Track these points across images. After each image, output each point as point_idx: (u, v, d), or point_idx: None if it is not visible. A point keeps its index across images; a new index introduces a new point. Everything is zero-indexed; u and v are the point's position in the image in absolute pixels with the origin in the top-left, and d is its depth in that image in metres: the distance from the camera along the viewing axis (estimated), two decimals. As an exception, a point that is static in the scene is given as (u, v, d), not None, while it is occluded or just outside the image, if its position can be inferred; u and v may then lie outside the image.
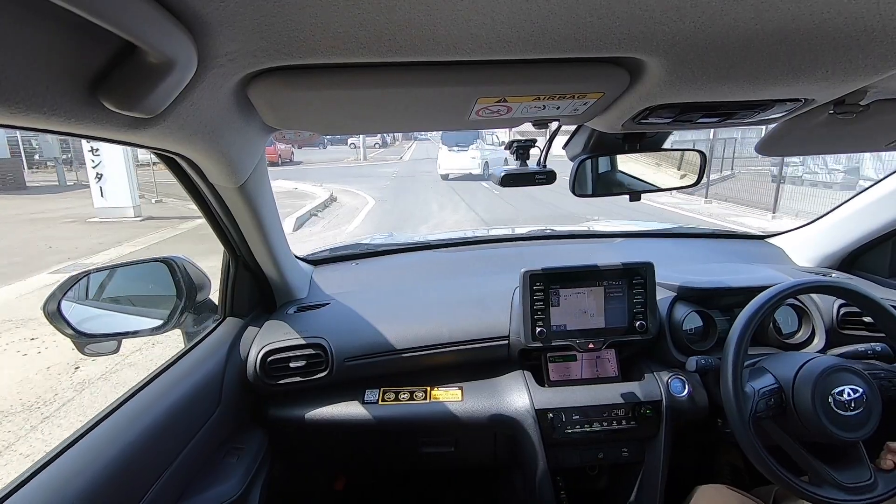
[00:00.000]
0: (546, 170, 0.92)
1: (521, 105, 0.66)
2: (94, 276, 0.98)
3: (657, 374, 1.20)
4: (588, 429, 1.15)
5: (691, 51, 0.51)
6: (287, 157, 21.44)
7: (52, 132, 0.45)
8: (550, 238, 1.83)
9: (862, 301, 0.98)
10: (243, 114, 0.65)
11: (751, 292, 1.04)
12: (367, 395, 1.20)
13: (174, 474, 0.85)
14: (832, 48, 0.51)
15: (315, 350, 1.16)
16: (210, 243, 1.20)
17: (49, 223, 8.51)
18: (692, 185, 1.09)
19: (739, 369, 0.94)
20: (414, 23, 0.43)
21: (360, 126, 0.80)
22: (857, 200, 1.50)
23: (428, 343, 1.20)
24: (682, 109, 0.70)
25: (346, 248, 1.74)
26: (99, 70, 0.41)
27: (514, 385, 1.20)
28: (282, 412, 1.17)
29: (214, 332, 1.14)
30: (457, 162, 13.38)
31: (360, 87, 0.57)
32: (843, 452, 0.93)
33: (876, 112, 0.75)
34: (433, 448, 1.26)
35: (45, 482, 0.65)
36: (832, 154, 1.63)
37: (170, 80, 0.43)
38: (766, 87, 0.62)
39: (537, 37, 0.47)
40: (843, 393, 0.90)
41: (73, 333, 0.91)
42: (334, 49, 0.48)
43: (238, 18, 0.41)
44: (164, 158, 0.77)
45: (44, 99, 0.39)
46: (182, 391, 0.92)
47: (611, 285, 1.18)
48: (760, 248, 1.72)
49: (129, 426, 0.79)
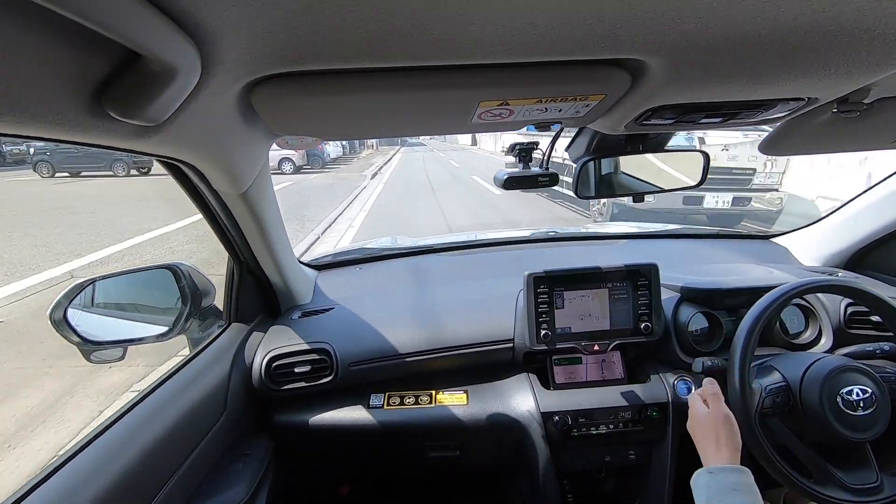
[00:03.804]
0: (549, 172, 0.92)
1: (523, 108, 0.66)
2: (99, 284, 0.99)
3: (663, 376, 1.19)
4: (594, 431, 1.15)
5: (693, 51, 0.51)
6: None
7: (57, 141, 0.45)
8: (554, 240, 1.82)
9: (870, 300, 0.97)
10: (246, 120, 0.65)
11: (757, 293, 1.03)
12: (373, 399, 1.19)
13: (181, 480, 0.85)
14: (835, 46, 0.51)
15: (320, 355, 1.16)
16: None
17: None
18: (696, 186, 1.09)
19: (746, 369, 0.93)
20: (416, 28, 0.44)
21: (362, 131, 0.80)
22: (863, 198, 1.49)
23: (432, 347, 1.20)
24: (685, 110, 0.70)
25: (350, 252, 1.75)
26: (103, 79, 0.41)
27: (520, 388, 1.20)
28: (287, 418, 1.17)
29: (219, 339, 1.14)
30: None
31: (362, 92, 0.57)
32: (849, 454, 0.92)
33: (880, 110, 0.75)
34: (438, 452, 1.26)
35: (54, 489, 0.65)
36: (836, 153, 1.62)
37: (173, 87, 0.43)
38: (768, 86, 0.62)
39: (538, 40, 0.48)
40: (852, 393, 0.90)
41: (79, 341, 0.91)
42: (337, 55, 0.48)
43: (241, 26, 0.41)
44: (167, 165, 0.78)
45: (49, 108, 0.39)
46: (188, 397, 0.92)
47: (615, 287, 1.18)
48: (765, 247, 1.71)
49: (137, 433, 0.79)
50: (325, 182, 13.61)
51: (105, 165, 15.76)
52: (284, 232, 1.18)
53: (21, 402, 2.89)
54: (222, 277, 1.21)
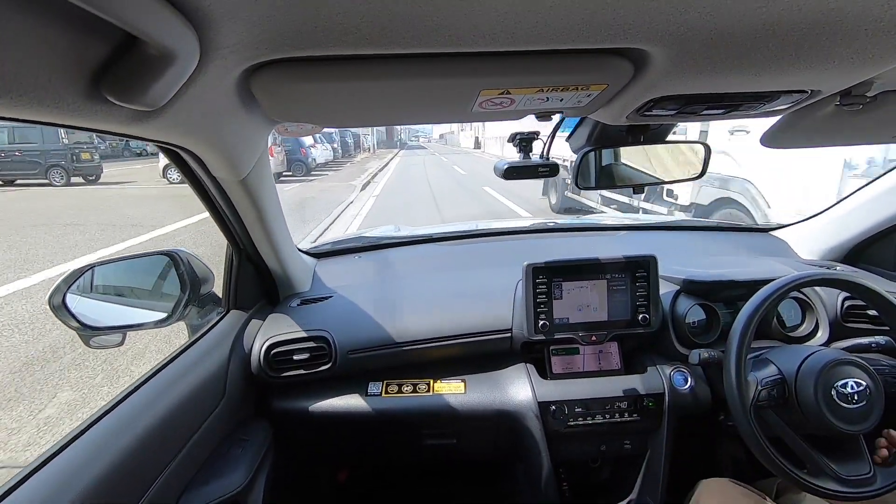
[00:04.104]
0: (549, 162, 0.92)
1: (524, 97, 0.65)
2: (98, 269, 0.99)
3: (660, 368, 1.20)
4: (590, 421, 1.16)
5: (696, 42, 0.51)
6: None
7: (54, 125, 0.45)
8: (554, 231, 1.82)
9: (867, 294, 0.97)
10: (246, 106, 0.65)
11: (754, 285, 1.03)
12: (371, 387, 1.20)
13: (180, 465, 0.85)
14: (839, 38, 0.51)
15: (318, 343, 1.17)
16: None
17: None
18: (696, 178, 1.08)
19: (743, 361, 0.94)
20: (416, 14, 0.43)
21: (362, 118, 0.80)
22: (862, 193, 1.48)
23: (431, 336, 1.21)
24: (687, 101, 0.70)
25: (349, 241, 1.75)
26: (101, 63, 0.41)
27: (517, 378, 1.21)
28: (286, 404, 1.18)
29: (218, 325, 1.15)
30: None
31: (362, 78, 0.56)
32: (843, 445, 0.93)
33: (883, 103, 0.74)
34: (435, 440, 1.27)
35: (54, 473, 0.66)
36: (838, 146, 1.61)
37: (172, 72, 0.43)
38: (771, 77, 0.61)
39: (540, 28, 0.47)
40: (847, 386, 0.90)
41: (78, 326, 0.91)
42: (337, 41, 0.47)
43: (240, 10, 0.41)
44: (166, 151, 0.77)
45: (46, 92, 0.39)
46: (187, 384, 0.93)
47: (614, 278, 1.18)
48: (764, 240, 1.71)
49: (136, 418, 0.79)
50: (298, 197, 10.40)
51: (39, 173, 12.54)
52: (283, 219, 1.17)
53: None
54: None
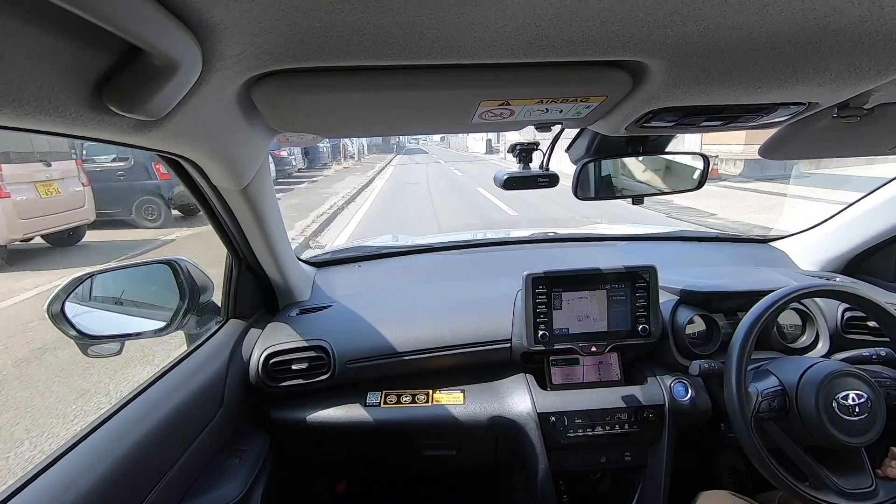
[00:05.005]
0: (549, 173, 0.92)
1: (523, 108, 0.66)
2: (97, 278, 0.99)
3: (660, 378, 1.19)
4: (590, 432, 1.15)
5: (694, 54, 0.51)
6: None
7: (56, 134, 0.45)
8: (553, 241, 1.82)
9: (867, 305, 0.97)
10: (247, 116, 0.65)
11: (754, 296, 1.03)
12: (369, 397, 1.19)
13: (176, 476, 0.85)
14: (836, 51, 0.51)
15: (317, 352, 1.16)
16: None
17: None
18: (695, 189, 1.09)
19: (743, 372, 0.93)
20: (417, 26, 0.44)
21: (363, 128, 0.80)
22: (861, 204, 1.49)
23: (430, 346, 1.20)
24: (686, 113, 0.70)
25: (349, 250, 1.75)
26: (103, 73, 0.41)
27: (517, 388, 1.20)
28: (284, 414, 1.17)
29: (217, 334, 1.14)
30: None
31: (363, 89, 0.57)
32: (845, 458, 0.92)
33: (880, 115, 0.75)
34: (435, 451, 1.26)
35: (49, 483, 0.65)
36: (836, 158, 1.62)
37: (174, 82, 0.43)
38: (769, 90, 0.62)
39: (540, 40, 0.48)
40: (848, 398, 0.90)
41: (76, 335, 0.91)
42: (338, 52, 0.48)
43: (243, 22, 0.41)
44: (167, 160, 0.78)
45: (49, 101, 0.39)
46: (185, 393, 0.92)
47: (613, 289, 1.18)
48: (764, 251, 1.72)
49: (133, 428, 0.79)
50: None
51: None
52: (284, 229, 1.17)
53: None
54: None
